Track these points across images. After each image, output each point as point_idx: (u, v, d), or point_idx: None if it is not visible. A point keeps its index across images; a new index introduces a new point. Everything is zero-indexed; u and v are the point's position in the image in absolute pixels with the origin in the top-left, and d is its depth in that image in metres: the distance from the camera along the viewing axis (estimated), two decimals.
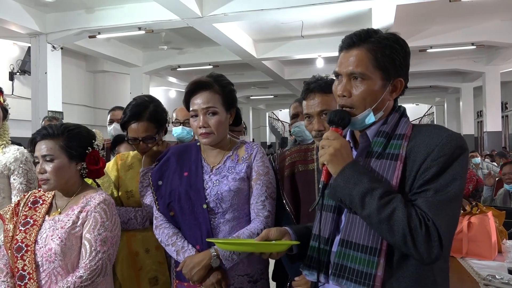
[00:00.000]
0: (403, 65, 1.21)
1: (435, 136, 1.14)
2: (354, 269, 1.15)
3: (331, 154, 1.16)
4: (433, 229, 1.06)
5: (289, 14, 7.18)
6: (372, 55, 1.18)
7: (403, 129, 1.20)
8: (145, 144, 2.02)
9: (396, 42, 1.20)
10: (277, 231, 1.36)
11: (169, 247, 1.71)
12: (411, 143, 1.17)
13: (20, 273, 1.61)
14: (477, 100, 15.17)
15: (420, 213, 1.08)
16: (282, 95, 17.36)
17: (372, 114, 1.20)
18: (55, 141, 1.67)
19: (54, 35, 7.76)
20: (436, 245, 1.06)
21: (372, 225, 1.12)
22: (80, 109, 11.36)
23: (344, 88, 1.21)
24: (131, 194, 2.08)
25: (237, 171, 1.72)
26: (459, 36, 8.93)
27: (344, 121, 1.20)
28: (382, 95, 1.20)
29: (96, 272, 1.59)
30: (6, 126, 2.17)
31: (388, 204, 1.08)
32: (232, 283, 1.68)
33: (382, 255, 1.12)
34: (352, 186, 1.12)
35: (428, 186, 1.10)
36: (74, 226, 1.64)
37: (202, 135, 1.70)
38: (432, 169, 1.10)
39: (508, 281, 2.01)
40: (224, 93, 1.73)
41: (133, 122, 2.01)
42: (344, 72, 1.22)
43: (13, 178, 2.04)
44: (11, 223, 1.71)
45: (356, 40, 1.21)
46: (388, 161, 1.16)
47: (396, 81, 1.22)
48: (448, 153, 1.11)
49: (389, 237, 1.10)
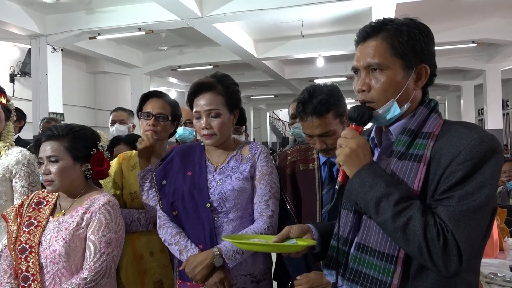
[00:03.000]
0: (425, 50, 1.12)
1: (465, 136, 1.04)
2: (369, 276, 1.09)
3: (346, 155, 1.10)
4: (452, 241, 0.97)
5: (289, 14, 7.17)
6: (389, 43, 1.11)
7: (432, 126, 1.11)
8: (156, 121, 2.04)
9: (415, 27, 1.12)
10: (299, 229, 1.31)
11: (172, 246, 1.71)
12: (438, 143, 1.07)
13: (24, 274, 1.61)
14: (478, 98, 15.14)
15: (440, 223, 0.99)
16: (282, 95, 17.33)
17: (396, 105, 1.11)
18: (60, 142, 1.67)
19: (54, 36, 7.76)
20: (454, 259, 0.97)
21: (387, 232, 1.06)
22: (80, 110, 11.37)
23: (363, 82, 1.14)
24: (136, 196, 2.07)
25: (241, 171, 1.72)
26: (460, 34, 8.91)
27: (364, 118, 1.13)
28: (405, 85, 1.11)
29: (100, 273, 1.59)
30: (9, 127, 2.14)
31: (404, 212, 1.00)
32: (235, 282, 1.68)
33: (399, 263, 1.05)
34: (367, 190, 1.05)
35: (451, 193, 1.01)
36: (78, 227, 1.64)
37: (205, 136, 1.71)
38: (458, 173, 1.00)
39: (510, 279, 2.01)
40: (227, 94, 1.73)
41: (153, 98, 2.10)
42: (361, 65, 1.15)
43: (15, 181, 2.02)
44: (15, 224, 1.71)
45: (370, 31, 1.14)
46: (411, 162, 1.07)
47: (420, 68, 1.13)
48: (477, 156, 1.00)
49: (404, 247, 1.03)
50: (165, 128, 2.08)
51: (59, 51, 8.02)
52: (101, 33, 7.83)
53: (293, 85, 14.22)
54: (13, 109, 2.17)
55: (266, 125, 23.81)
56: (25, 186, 2.02)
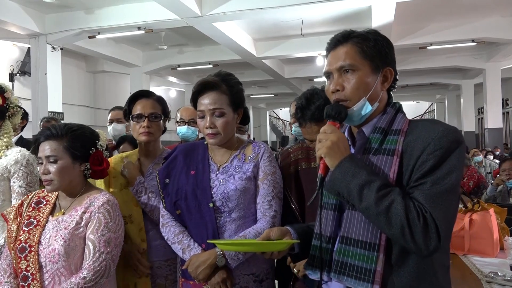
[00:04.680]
0: (389, 55, 1.25)
1: (431, 130, 1.15)
2: (354, 265, 1.16)
3: (328, 147, 1.17)
4: (430, 220, 1.07)
5: (288, 13, 7.17)
6: (358, 47, 1.23)
7: (400, 124, 1.22)
8: (149, 122, 1.99)
9: (379, 35, 1.26)
10: (278, 231, 1.38)
11: (175, 245, 1.71)
12: (408, 138, 1.18)
13: (24, 273, 1.61)
14: (478, 97, 15.15)
15: (418, 205, 1.09)
16: (282, 94, 17.35)
17: (368, 104, 1.22)
18: (59, 141, 1.66)
19: (53, 35, 7.76)
20: (434, 237, 1.07)
21: (370, 218, 1.13)
22: (80, 109, 11.37)
23: (336, 82, 1.24)
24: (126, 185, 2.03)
25: (244, 170, 1.72)
26: (459, 33, 8.91)
27: (341, 115, 1.21)
28: (374, 85, 1.22)
29: (99, 273, 1.59)
30: (6, 127, 2.11)
31: (386, 196, 1.09)
32: (237, 282, 1.68)
33: (381, 250, 1.13)
34: (350, 179, 1.13)
35: (425, 179, 1.11)
36: (78, 226, 1.64)
37: (208, 135, 1.70)
38: (429, 162, 1.11)
39: (510, 278, 2.01)
40: (231, 93, 1.72)
41: (142, 99, 2.04)
42: (334, 68, 1.25)
43: (13, 181, 2.01)
44: (15, 223, 1.71)
45: (341, 39, 1.26)
46: (385, 156, 1.17)
47: (386, 71, 1.25)
48: (444, 146, 1.12)
49: (387, 230, 1.10)
50: (159, 128, 2.05)
51: (58, 50, 8.02)
52: (100, 32, 7.83)
53: (293, 84, 14.23)
54: (14, 107, 2.13)
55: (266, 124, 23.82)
56: (23, 186, 2.00)
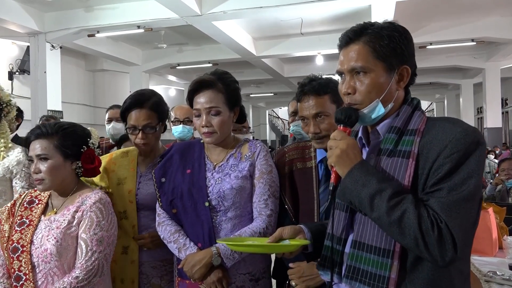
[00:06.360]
0: (405, 52, 1.17)
1: (449, 131, 1.07)
2: (367, 272, 1.11)
3: (337, 156, 1.13)
4: (446, 231, 1.01)
5: (288, 12, 7.16)
6: (371, 47, 1.15)
7: (416, 123, 1.15)
8: (144, 134, 1.92)
9: (395, 30, 1.17)
10: (291, 230, 1.34)
11: (171, 244, 1.71)
12: (424, 138, 1.11)
13: (17, 273, 1.60)
14: (477, 96, 15.15)
15: (433, 215, 1.02)
16: (282, 93, 17.34)
17: (381, 105, 1.16)
18: (50, 140, 1.64)
19: (53, 34, 7.75)
20: (450, 247, 1.01)
21: (382, 227, 1.08)
22: (79, 108, 11.37)
23: (348, 85, 1.18)
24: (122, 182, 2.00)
25: (240, 169, 1.71)
26: (459, 32, 8.91)
27: (351, 119, 1.16)
28: (388, 86, 1.16)
29: (92, 272, 1.58)
30: (2, 127, 2.09)
31: (398, 206, 1.04)
32: (233, 281, 1.68)
33: (396, 257, 1.09)
34: (360, 188, 1.08)
35: (441, 185, 1.04)
36: (70, 226, 1.62)
37: (205, 134, 1.69)
38: (445, 166, 1.04)
39: (509, 277, 2.00)
40: (227, 92, 1.70)
41: (135, 109, 1.92)
42: (345, 69, 1.19)
43: (15, 181, 2.01)
44: (7, 223, 1.69)
45: (352, 36, 1.19)
46: (400, 158, 1.11)
47: (402, 69, 1.18)
48: (462, 149, 1.04)
49: (401, 240, 1.06)
50: (155, 136, 1.99)
51: (57, 49, 8.02)
52: (100, 31, 7.83)
53: (293, 83, 14.21)
54: (7, 104, 2.09)
55: (265, 123, 23.84)
56: (25, 187, 2.00)
